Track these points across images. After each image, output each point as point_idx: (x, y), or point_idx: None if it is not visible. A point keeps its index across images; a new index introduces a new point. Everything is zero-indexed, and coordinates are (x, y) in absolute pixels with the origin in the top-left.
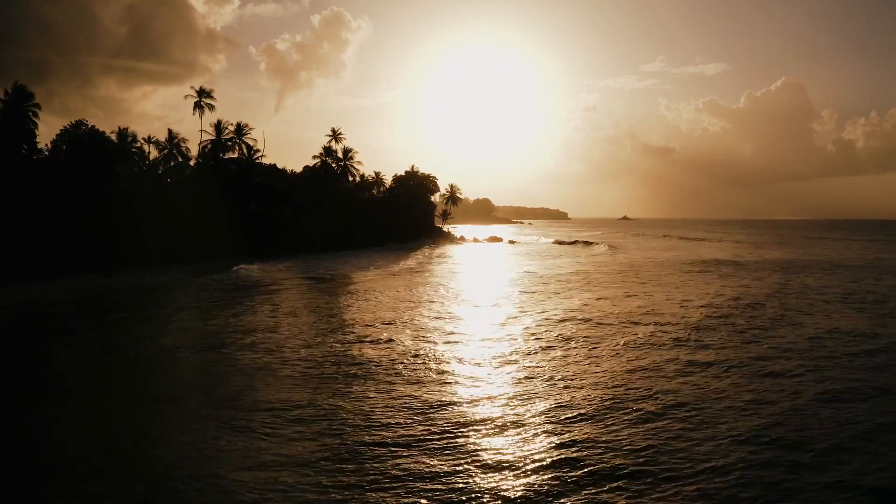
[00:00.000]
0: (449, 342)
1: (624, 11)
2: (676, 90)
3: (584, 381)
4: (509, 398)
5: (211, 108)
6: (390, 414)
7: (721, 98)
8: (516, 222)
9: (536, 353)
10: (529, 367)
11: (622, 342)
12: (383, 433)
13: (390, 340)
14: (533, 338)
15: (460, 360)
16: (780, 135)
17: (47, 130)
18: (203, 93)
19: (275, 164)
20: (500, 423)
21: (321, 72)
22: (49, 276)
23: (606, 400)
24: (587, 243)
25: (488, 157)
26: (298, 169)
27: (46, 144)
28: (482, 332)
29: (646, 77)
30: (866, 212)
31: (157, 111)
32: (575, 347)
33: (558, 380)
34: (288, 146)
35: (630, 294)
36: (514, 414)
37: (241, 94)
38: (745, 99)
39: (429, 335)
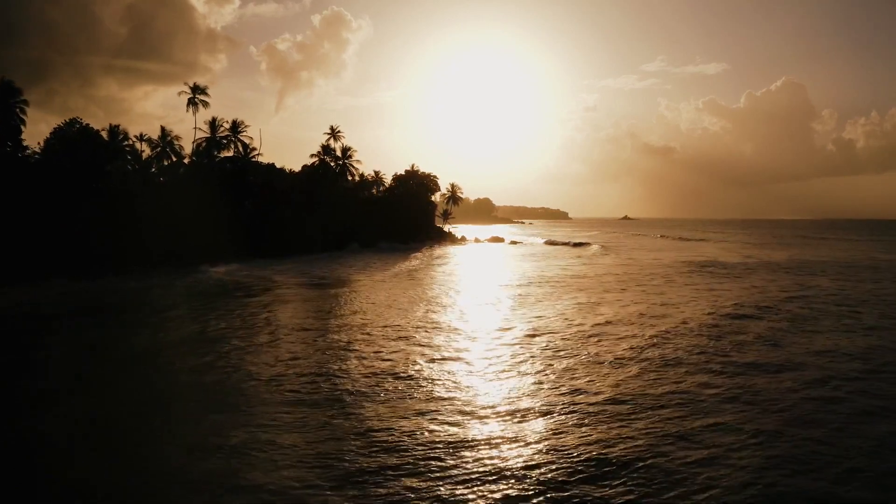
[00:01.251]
0: (447, 358)
1: (624, 11)
2: (676, 90)
3: (592, 413)
4: (512, 435)
5: (205, 104)
6: (380, 453)
7: (721, 98)
8: (517, 222)
9: (542, 373)
10: (534, 392)
11: (637, 359)
12: (371, 468)
13: (385, 357)
14: (536, 355)
15: (460, 385)
16: (780, 135)
17: (48, 130)
18: (197, 89)
19: (273, 164)
20: (499, 466)
21: (322, 72)
22: (35, 278)
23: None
24: (584, 245)
25: (488, 156)
26: (298, 169)
27: (38, 143)
28: (480, 346)
29: (646, 77)
30: (867, 211)
31: (158, 111)
32: (584, 365)
33: (563, 412)
34: (289, 146)
35: (640, 301)
36: (519, 457)
37: (241, 93)
38: (746, 99)
39: (427, 351)
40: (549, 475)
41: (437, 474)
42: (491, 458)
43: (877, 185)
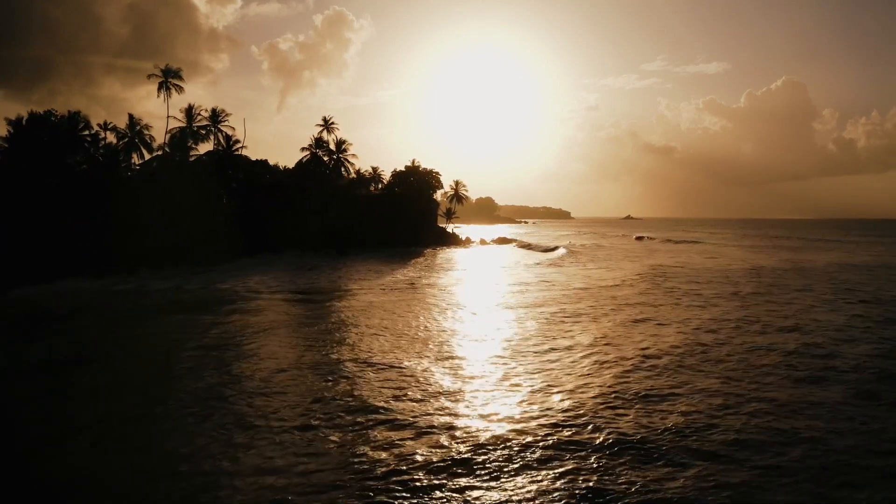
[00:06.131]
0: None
1: (624, 11)
2: (677, 89)
3: None
4: None
5: (178, 89)
6: None
7: (721, 97)
8: (519, 221)
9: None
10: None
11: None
12: None
13: (381, 405)
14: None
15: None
16: (780, 134)
17: None
18: (169, 72)
19: (266, 160)
20: None
21: (323, 71)
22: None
23: None
24: (553, 249)
25: (489, 155)
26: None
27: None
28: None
29: (646, 76)
30: (868, 211)
31: (160, 110)
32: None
33: None
34: (290, 145)
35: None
36: None
37: (243, 93)
38: (746, 98)
39: (429, 403)
40: None
41: None
42: None
43: (878, 185)
